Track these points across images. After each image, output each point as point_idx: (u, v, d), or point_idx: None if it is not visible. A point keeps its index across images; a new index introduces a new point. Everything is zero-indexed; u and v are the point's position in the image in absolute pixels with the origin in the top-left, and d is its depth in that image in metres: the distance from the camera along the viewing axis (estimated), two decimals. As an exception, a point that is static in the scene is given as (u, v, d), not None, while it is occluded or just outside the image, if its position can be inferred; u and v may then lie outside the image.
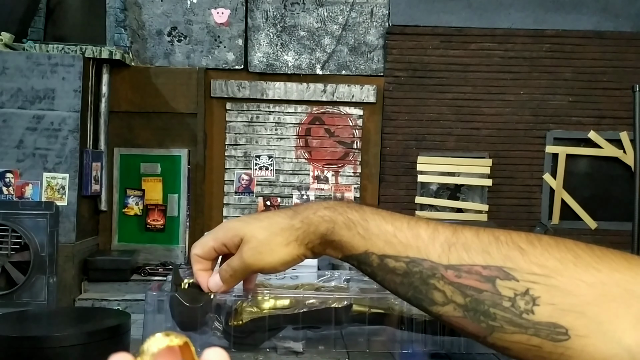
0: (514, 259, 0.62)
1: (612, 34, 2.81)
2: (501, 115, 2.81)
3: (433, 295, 0.66)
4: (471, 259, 0.65)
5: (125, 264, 2.56)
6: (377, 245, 0.70)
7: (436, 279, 0.66)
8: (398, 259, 0.69)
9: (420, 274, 0.67)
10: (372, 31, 2.81)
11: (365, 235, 0.71)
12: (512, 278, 0.62)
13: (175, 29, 2.81)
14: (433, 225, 0.70)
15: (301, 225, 0.78)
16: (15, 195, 2.43)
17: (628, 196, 2.48)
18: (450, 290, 0.65)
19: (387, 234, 0.70)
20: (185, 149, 2.77)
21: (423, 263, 0.67)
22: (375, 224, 0.71)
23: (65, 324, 1.88)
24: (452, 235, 0.67)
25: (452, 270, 0.66)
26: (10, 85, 2.45)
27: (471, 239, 0.66)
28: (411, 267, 0.68)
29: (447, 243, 0.67)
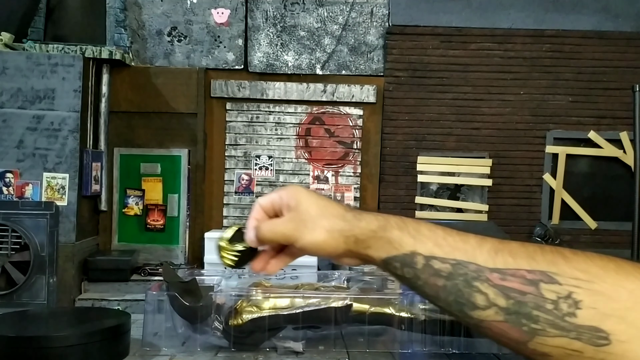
0: (558, 264, 0.63)
1: (612, 34, 2.81)
2: (501, 115, 2.81)
3: (475, 298, 0.67)
4: (517, 263, 0.66)
5: (125, 264, 2.56)
6: (426, 245, 0.71)
7: (480, 281, 0.67)
8: (445, 261, 0.70)
9: (465, 276, 0.67)
10: (372, 31, 2.81)
11: (416, 235, 0.73)
12: (555, 282, 0.62)
13: (175, 29, 2.81)
14: (481, 235, 0.71)
15: (352, 219, 0.79)
16: (15, 195, 2.43)
17: (628, 196, 2.48)
18: (493, 292, 0.66)
19: (437, 236, 0.71)
20: (185, 149, 2.77)
21: (469, 266, 0.68)
22: (427, 228, 0.73)
23: (66, 324, 1.89)
24: (499, 243, 0.69)
25: (497, 273, 0.66)
26: (10, 85, 2.45)
27: (517, 247, 0.68)
28: (456, 269, 0.68)
29: (494, 249, 0.68)
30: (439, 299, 0.70)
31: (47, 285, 2.33)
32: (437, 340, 2.34)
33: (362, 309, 2.23)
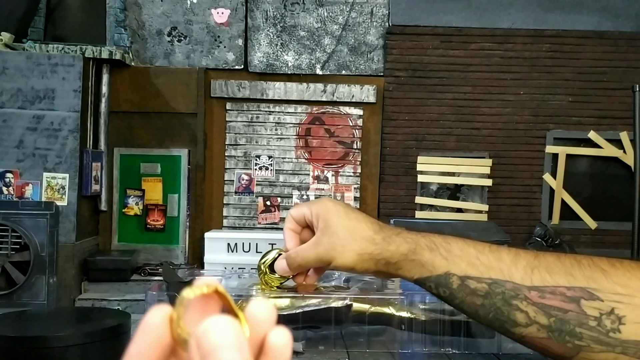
0: (597, 279, 0.63)
1: (612, 34, 2.81)
2: (501, 115, 2.81)
3: (515, 316, 0.66)
4: (555, 281, 0.65)
5: (125, 264, 2.56)
6: (459, 266, 0.71)
7: (519, 299, 0.66)
8: (480, 280, 0.69)
9: (503, 294, 0.67)
10: (372, 31, 2.81)
11: (448, 256, 0.72)
12: (596, 298, 0.62)
13: (175, 29, 2.81)
14: (514, 250, 0.71)
15: (381, 242, 0.78)
16: (15, 195, 2.43)
17: (628, 196, 2.48)
18: (534, 310, 0.65)
19: (470, 255, 0.71)
20: (185, 149, 2.77)
21: (506, 284, 0.67)
22: (458, 247, 0.72)
23: (65, 324, 1.88)
24: (534, 259, 0.68)
25: (535, 291, 0.66)
26: (10, 85, 2.45)
27: (553, 262, 0.67)
28: (493, 288, 0.68)
29: (529, 266, 0.67)
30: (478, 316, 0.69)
31: (47, 285, 2.33)
32: (438, 340, 2.34)
33: (362, 309, 2.22)
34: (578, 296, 0.63)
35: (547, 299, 0.65)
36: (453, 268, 0.71)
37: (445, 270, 0.72)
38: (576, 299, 0.64)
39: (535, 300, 0.66)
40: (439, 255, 0.72)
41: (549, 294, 0.65)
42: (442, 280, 0.72)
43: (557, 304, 0.65)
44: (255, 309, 0.34)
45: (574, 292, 0.64)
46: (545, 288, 0.66)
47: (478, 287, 0.69)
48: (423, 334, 2.44)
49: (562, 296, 0.64)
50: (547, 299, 0.65)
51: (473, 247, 0.71)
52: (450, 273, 0.71)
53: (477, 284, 0.69)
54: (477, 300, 0.69)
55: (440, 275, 0.72)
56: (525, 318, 0.66)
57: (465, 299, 0.70)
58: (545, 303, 0.65)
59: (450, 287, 0.71)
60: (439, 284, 0.72)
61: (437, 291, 0.73)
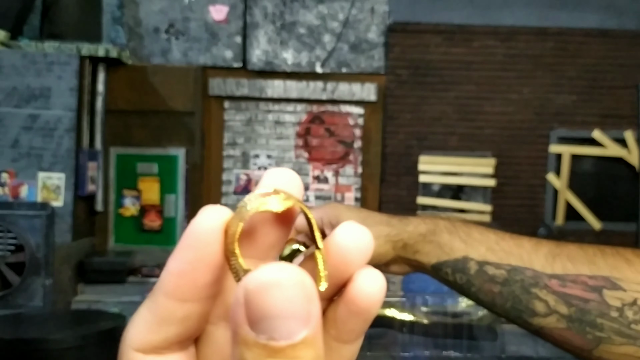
0: (621, 269, 0.61)
1: (616, 32, 2.78)
2: (504, 114, 2.78)
3: (534, 305, 0.64)
4: (577, 269, 0.63)
5: (121, 265, 2.54)
6: (478, 250, 0.69)
7: (539, 287, 0.64)
8: (499, 267, 0.67)
9: (522, 282, 0.65)
10: (373, 28, 2.78)
11: (467, 240, 0.70)
12: (619, 288, 0.60)
13: (173, 26, 2.78)
14: (536, 239, 0.69)
15: (398, 223, 0.76)
16: (10, 196, 2.41)
17: (633, 196, 2.45)
18: (554, 299, 0.63)
19: (490, 240, 0.69)
20: (183, 149, 2.74)
21: (525, 272, 0.65)
22: (478, 231, 0.70)
23: (61, 326, 1.85)
24: (556, 247, 0.66)
25: (556, 280, 0.63)
26: (5, 84, 2.42)
27: (575, 250, 0.65)
28: (512, 275, 0.66)
29: (550, 254, 0.65)
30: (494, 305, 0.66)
31: (42, 287, 2.30)
32: (439, 343, 2.31)
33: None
34: (600, 285, 0.61)
35: (568, 288, 0.63)
36: (471, 252, 0.69)
37: (463, 254, 0.69)
38: (598, 289, 0.62)
39: (555, 289, 0.63)
40: (458, 238, 0.70)
41: (570, 282, 0.63)
42: (459, 264, 0.69)
43: (579, 293, 0.63)
44: (344, 237, 0.26)
45: (596, 281, 0.62)
46: (567, 276, 0.63)
47: (497, 273, 0.67)
48: (424, 337, 2.42)
49: (583, 285, 0.62)
50: (568, 287, 0.63)
51: (493, 233, 0.69)
52: (469, 257, 0.69)
53: (496, 270, 0.67)
54: (495, 288, 0.67)
55: (458, 259, 0.69)
56: (545, 307, 0.64)
57: (482, 286, 0.68)
58: (566, 292, 0.63)
59: (467, 272, 0.69)
60: (456, 269, 0.70)
61: (453, 278, 0.70)
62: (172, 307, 0.25)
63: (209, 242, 0.24)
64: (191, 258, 0.24)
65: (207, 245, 0.24)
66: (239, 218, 0.24)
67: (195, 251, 0.24)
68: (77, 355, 1.84)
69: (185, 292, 0.25)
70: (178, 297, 0.25)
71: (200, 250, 0.24)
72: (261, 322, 0.21)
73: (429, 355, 2.22)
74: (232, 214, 0.24)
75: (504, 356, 2.21)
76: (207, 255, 0.24)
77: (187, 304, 0.25)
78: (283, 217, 0.26)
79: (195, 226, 0.24)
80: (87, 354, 1.89)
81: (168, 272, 0.25)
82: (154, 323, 0.25)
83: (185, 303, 0.25)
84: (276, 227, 0.26)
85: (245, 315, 0.21)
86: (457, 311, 2.26)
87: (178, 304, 0.25)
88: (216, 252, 0.24)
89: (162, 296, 0.25)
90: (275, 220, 0.26)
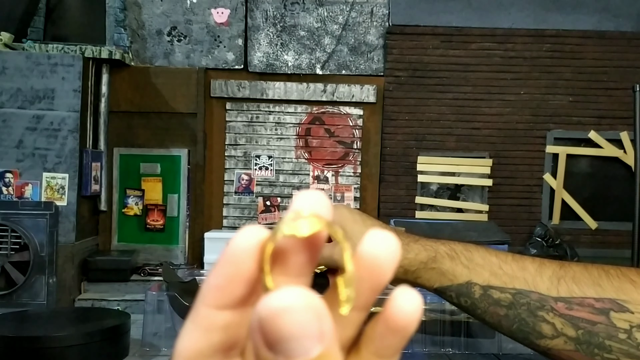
0: (627, 291, 0.61)
1: (612, 34, 2.80)
2: (501, 115, 2.80)
3: (541, 328, 0.64)
4: (582, 292, 0.63)
5: (125, 264, 2.56)
6: (482, 275, 0.67)
7: (545, 311, 0.63)
8: (504, 291, 0.66)
9: (528, 305, 0.64)
10: (372, 31, 2.81)
11: (469, 265, 0.68)
12: (626, 310, 0.60)
13: (175, 28, 2.80)
14: (539, 260, 0.68)
15: None
16: (15, 195, 2.43)
17: (628, 196, 2.47)
18: (561, 322, 0.62)
19: (492, 265, 0.67)
20: (185, 149, 2.77)
21: (531, 295, 0.64)
22: (480, 255, 0.69)
23: (65, 324, 1.88)
24: (560, 269, 0.65)
25: (562, 303, 0.63)
26: (9, 85, 2.45)
27: (580, 272, 0.64)
28: (518, 298, 0.65)
29: (555, 276, 0.65)
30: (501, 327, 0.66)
31: (46, 285, 2.33)
32: (437, 341, 2.34)
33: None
34: (607, 308, 0.61)
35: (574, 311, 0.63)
36: (475, 277, 0.68)
37: (466, 279, 0.68)
38: (605, 311, 0.61)
39: (562, 312, 0.63)
40: (460, 264, 0.69)
41: (576, 305, 0.63)
42: (463, 289, 0.68)
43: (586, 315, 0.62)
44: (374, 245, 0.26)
45: (602, 303, 0.61)
46: (573, 299, 0.63)
47: (501, 297, 0.66)
48: (423, 334, 2.44)
49: (590, 308, 0.62)
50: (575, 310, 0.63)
51: (495, 256, 0.68)
52: (472, 282, 0.68)
53: (501, 294, 0.66)
54: (501, 311, 0.66)
55: (461, 284, 0.68)
56: (552, 330, 0.63)
57: (487, 309, 0.67)
58: (573, 315, 0.63)
59: (472, 296, 0.68)
60: (460, 294, 0.69)
61: (457, 301, 0.70)
62: (212, 316, 0.27)
63: (246, 259, 0.26)
64: (230, 273, 0.26)
65: (244, 262, 0.26)
66: (271, 239, 0.26)
67: (233, 267, 0.26)
68: (80, 353, 1.87)
69: (224, 302, 0.27)
70: (218, 307, 0.27)
71: (238, 266, 0.26)
72: (277, 344, 0.22)
73: (426, 353, 2.24)
74: (268, 234, 0.26)
75: (502, 354, 2.23)
76: (244, 271, 0.26)
77: (226, 312, 0.27)
78: (313, 239, 0.27)
79: (234, 244, 0.26)
80: (91, 352, 1.92)
81: (208, 285, 0.27)
82: (198, 332, 0.27)
83: (224, 311, 0.27)
84: (306, 248, 0.27)
85: (262, 338, 0.23)
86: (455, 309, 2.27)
87: (218, 312, 0.27)
88: (252, 268, 0.26)
89: (203, 307, 0.27)
90: (306, 242, 0.27)
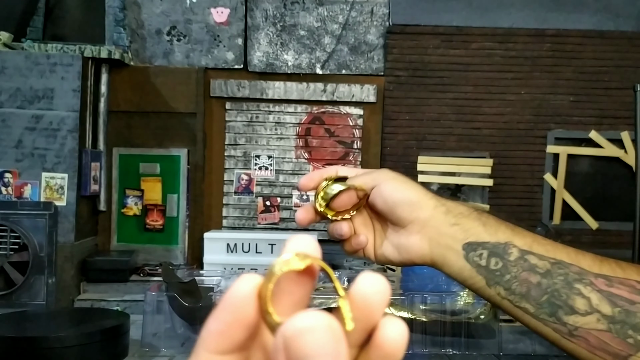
0: None
1: (613, 34, 2.80)
2: (502, 115, 2.80)
3: (575, 301, 0.61)
4: (625, 273, 0.61)
5: (124, 264, 2.55)
6: (525, 239, 0.64)
7: (583, 284, 0.61)
8: (543, 258, 0.63)
9: (566, 276, 0.61)
10: (373, 30, 2.80)
11: (514, 229, 0.66)
12: None
13: (175, 28, 2.80)
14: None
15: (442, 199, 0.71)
16: (14, 195, 2.43)
17: (629, 196, 2.46)
18: (597, 298, 0.60)
19: (537, 236, 0.65)
20: (185, 149, 2.76)
21: (570, 267, 0.61)
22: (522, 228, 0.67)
23: (64, 324, 1.87)
24: (602, 256, 0.63)
25: (602, 279, 0.61)
26: (9, 85, 2.44)
27: (623, 261, 0.63)
28: (556, 267, 0.62)
29: (598, 258, 0.62)
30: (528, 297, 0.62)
31: (46, 285, 2.32)
32: (438, 341, 2.33)
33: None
34: None
35: (614, 288, 0.60)
36: (516, 240, 0.64)
37: (507, 239, 0.65)
38: None
39: (601, 287, 0.60)
40: (504, 225, 0.66)
41: (617, 283, 0.60)
42: (499, 249, 0.64)
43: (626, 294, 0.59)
44: (364, 287, 0.29)
45: None
46: (614, 278, 0.61)
47: (539, 264, 0.63)
48: (423, 335, 2.43)
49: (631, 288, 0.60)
50: (615, 287, 0.60)
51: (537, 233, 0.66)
52: (512, 244, 0.64)
53: (539, 260, 0.63)
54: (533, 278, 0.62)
55: (499, 243, 0.64)
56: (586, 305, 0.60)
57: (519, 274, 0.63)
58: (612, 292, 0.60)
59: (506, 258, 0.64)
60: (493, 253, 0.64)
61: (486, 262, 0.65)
62: None
63: (244, 306, 0.28)
64: (229, 319, 0.28)
65: (242, 308, 0.28)
66: (268, 281, 0.28)
67: (232, 313, 0.28)
68: (80, 353, 1.86)
69: (224, 347, 0.28)
70: (218, 352, 0.28)
71: (236, 312, 0.28)
72: None
73: (427, 353, 2.24)
74: (263, 279, 0.28)
75: (502, 354, 2.23)
76: (243, 317, 0.28)
77: (226, 357, 0.28)
78: (305, 275, 0.29)
79: (232, 293, 0.28)
80: (90, 352, 1.91)
81: (209, 331, 0.28)
82: None
83: (224, 356, 0.28)
84: (300, 284, 0.29)
85: (286, 357, 0.25)
86: (456, 309, 2.27)
87: (218, 357, 0.28)
88: (250, 314, 0.28)
89: (204, 352, 0.28)
90: (299, 279, 0.29)
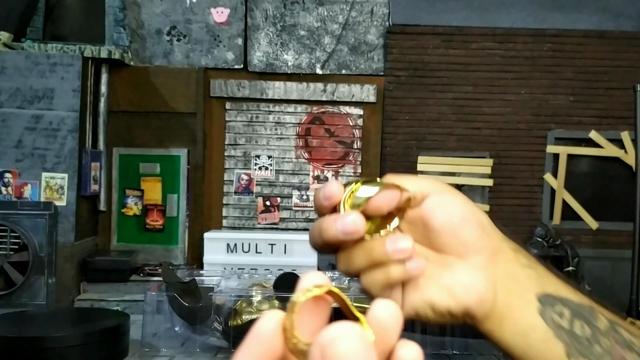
0: None
1: (613, 34, 2.80)
2: (502, 115, 2.80)
3: None
4: None
5: (124, 264, 2.56)
6: (605, 310, 0.57)
7: None
8: (632, 334, 0.56)
9: None
10: (373, 30, 2.80)
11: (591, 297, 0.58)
12: None
13: (175, 28, 2.80)
14: None
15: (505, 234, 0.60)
16: (14, 196, 2.43)
17: (629, 196, 2.47)
18: None
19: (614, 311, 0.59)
20: (185, 149, 2.76)
21: None
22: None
23: (64, 324, 1.87)
24: None
25: None
26: (9, 85, 2.44)
27: None
28: None
29: None
30: None
31: (46, 285, 2.32)
32: (438, 341, 2.33)
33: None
34: None
35: None
36: (596, 307, 0.56)
37: (588, 304, 0.55)
38: None
39: None
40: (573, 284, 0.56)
41: None
42: (584, 311, 0.53)
43: None
44: (379, 312, 0.31)
45: None
46: None
47: (632, 339, 0.55)
48: (423, 335, 2.43)
49: None
50: None
51: None
52: (596, 309, 0.55)
53: (631, 336, 0.56)
54: (629, 356, 0.55)
55: (582, 305, 0.54)
56: None
57: (611, 348, 0.53)
58: None
59: (594, 324, 0.53)
60: (578, 314, 0.52)
61: (569, 323, 0.52)
62: None
63: (270, 339, 0.30)
64: (257, 352, 0.30)
65: (268, 341, 0.30)
66: (292, 312, 0.30)
67: (259, 346, 0.30)
68: (80, 353, 1.86)
69: None
70: None
71: (263, 345, 0.30)
72: None
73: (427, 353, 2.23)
74: (285, 314, 0.30)
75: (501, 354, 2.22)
76: (269, 349, 0.30)
77: None
78: (322, 303, 0.32)
79: (259, 328, 0.30)
80: (90, 352, 1.91)
81: None
82: None
83: None
84: (319, 312, 0.32)
85: None
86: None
87: None
88: (277, 346, 0.30)
89: None
90: (317, 308, 0.32)
